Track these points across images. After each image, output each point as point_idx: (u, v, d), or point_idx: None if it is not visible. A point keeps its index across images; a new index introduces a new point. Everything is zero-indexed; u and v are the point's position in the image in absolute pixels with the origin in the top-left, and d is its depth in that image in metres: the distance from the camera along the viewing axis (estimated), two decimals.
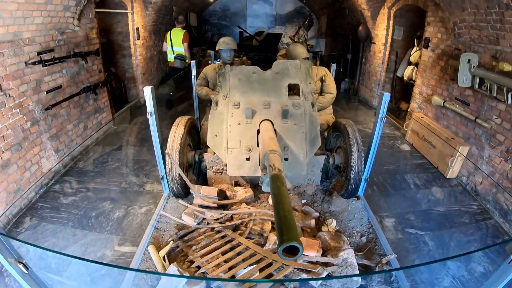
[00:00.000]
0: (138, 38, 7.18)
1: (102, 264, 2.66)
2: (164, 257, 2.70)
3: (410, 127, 5.51)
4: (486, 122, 3.82)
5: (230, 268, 2.51)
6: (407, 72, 6.38)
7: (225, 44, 4.22)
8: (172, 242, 2.90)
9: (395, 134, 6.01)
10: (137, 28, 7.03)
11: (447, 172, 4.36)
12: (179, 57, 6.55)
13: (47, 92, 4.03)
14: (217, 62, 4.92)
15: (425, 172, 4.56)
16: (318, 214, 3.38)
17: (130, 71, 7.35)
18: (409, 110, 6.01)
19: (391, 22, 6.67)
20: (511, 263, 1.58)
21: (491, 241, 3.27)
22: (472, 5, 3.57)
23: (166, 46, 6.64)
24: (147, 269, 2.63)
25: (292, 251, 1.28)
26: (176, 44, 6.53)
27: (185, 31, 6.56)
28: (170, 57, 6.71)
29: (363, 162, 3.35)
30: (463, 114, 4.22)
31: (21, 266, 1.25)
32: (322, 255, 2.67)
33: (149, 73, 8.17)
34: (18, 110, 3.53)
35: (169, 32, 6.57)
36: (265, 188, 2.19)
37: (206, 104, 4.80)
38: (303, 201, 3.62)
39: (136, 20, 6.92)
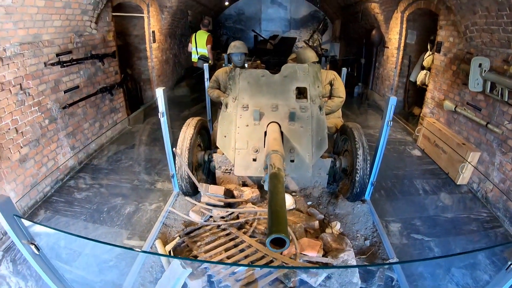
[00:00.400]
0: (154, 41, 7.38)
1: (112, 245, 2.78)
2: (170, 252, 2.79)
3: (422, 132, 5.45)
4: (498, 127, 3.75)
5: (231, 265, 2.58)
6: (420, 76, 6.32)
7: (236, 48, 4.34)
8: (178, 237, 2.99)
9: (407, 140, 5.94)
10: (153, 32, 7.23)
11: (458, 179, 4.29)
12: (202, 57, 6.92)
13: (65, 91, 4.22)
14: (230, 65, 5.03)
15: (435, 178, 4.51)
16: (322, 216, 3.40)
17: (146, 73, 7.55)
18: (421, 115, 5.94)
19: (404, 26, 6.63)
20: (509, 269, 1.57)
21: (499, 249, 3.21)
22: (483, 8, 3.53)
23: (191, 47, 7.05)
24: (153, 263, 2.72)
25: (279, 244, 1.35)
26: (200, 45, 6.92)
27: (209, 33, 6.96)
28: (194, 58, 7.11)
29: (368, 165, 3.36)
30: (474, 119, 4.16)
31: (32, 247, 1.36)
32: (323, 256, 2.70)
33: (164, 75, 8.36)
34: (36, 108, 3.72)
35: (194, 34, 6.95)
36: (267, 187, 2.24)
37: (218, 106, 4.90)
38: (309, 203, 3.65)
39: (152, 24, 7.11)
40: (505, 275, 1.59)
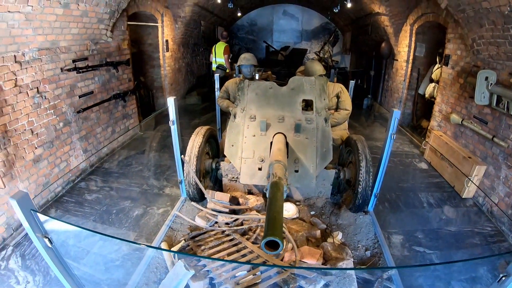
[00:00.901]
0: (167, 50, 7.60)
1: (122, 240, 2.88)
2: (174, 255, 2.87)
3: (429, 146, 5.45)
4: (504, 141, 3.75)
5: (233, 269, 2.64)
6: (428, 89, 6.34)
7: (245, 60, 4.47)
8: (183, 241, 3.07)
9: (414, 152, 5.94)
10: (167, 41, 7.46)
11: (463, 192, 4.28)
12: (220, 66, 7.47)
13: (80, 96, 4.40)
14: (240, 76, 5.16)
15: (440, 191, 4.49)
16: (325, 226, 3.44)
17: (158, 81, 7.76)
18: (428, 128, 5.94)
19: (413, 39, 6.67)
20: (501, 282, 1.60)
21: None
22: (489, 21, 3.55)
23: (212, 57, 7.66)
24: (158, 264, 2.81)
25: (274, 247, 1.43)
26: (218, 55, 7.49)
27: (226, 44, 7.52)
28: (213, 67, 7.69)
29: (371, 177, 3.40)
30: (480, 132, 4.16)
31: (46, 240, 1.47)
32: (322, 264, 2.74)
33: (176, 83, 8.56)
34: (52, 111, 3.90)
35: (214, 45, 7.56)
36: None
37: (228, 116, 5.01)
38: (312, 212, 3.69)
39: (166, 33, 7.34)
40: (497, 287, 1.62)
